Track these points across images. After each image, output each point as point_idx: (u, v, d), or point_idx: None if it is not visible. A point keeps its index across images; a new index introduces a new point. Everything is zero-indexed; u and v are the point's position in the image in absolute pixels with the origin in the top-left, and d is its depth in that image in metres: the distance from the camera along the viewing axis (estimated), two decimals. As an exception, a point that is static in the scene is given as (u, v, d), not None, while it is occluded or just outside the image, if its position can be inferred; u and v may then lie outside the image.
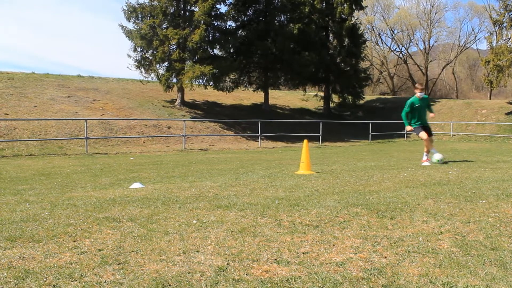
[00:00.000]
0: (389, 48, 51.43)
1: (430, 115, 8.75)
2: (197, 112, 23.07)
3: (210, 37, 22.60)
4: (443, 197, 4.08)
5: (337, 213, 3.45)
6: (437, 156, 8.21)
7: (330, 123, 23.98)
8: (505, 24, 25.87)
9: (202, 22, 20.96)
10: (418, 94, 8.49)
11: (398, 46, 50.90)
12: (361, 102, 31.28)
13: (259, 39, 24.52)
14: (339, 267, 2.25)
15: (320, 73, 28.42)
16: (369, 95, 38.99)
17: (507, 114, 25.65)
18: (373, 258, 2.37)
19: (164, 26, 21.98)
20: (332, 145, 20.34)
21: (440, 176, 5.88)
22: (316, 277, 2.11)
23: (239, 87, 27.12)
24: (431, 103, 8.67)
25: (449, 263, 2.27)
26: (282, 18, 27.04)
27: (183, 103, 23.43)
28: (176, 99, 23.47)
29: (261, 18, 25.98)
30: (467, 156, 11.53)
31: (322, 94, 30.82)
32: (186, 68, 21.52)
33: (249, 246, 2.62)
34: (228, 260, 2.36)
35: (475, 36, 55.78)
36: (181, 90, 22.93)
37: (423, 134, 8.45)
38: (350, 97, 29.98)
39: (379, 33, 50.48)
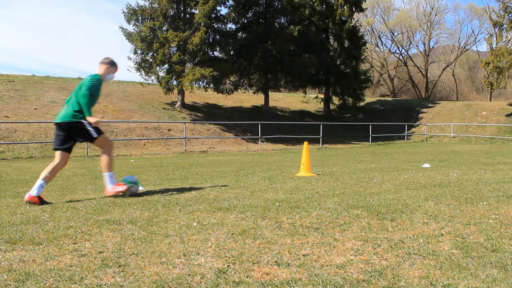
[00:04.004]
0: (389, 50, 51.50)
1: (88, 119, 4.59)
2: (197, 115, 23.08)
3: (210, 40, 22.62)
4: (443, 199, 4.08)
5: (337, 215, 3.44)
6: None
7: (331, 125, 23.99)
8: (505, 26, 25.89)
9: (202, 24, 20.99)
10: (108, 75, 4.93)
11: (398, 48, 50.98)
12: (361, 104, 31.30)
13: (259, 41, 24.55)
14: (339, 269, 2.25)
15: (320, 75, 28.45)
16: (369, 97, 39.02)
17: (507, 115, 25.64)
18: (374, 260, 2.37)
19: (164, 28, 22.02)
20: (333, 147, 20.34)
21: (441, 178, 5.87)
22: (316, 279, 2.11)
23: (239, 89, 27.13)
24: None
25: (449, 265, 2.27)
26: (282, 20, 27.09)
27: (184, 105, 23.44)
28: (176, 102, 23.49)
29: (261, 21, 26.02)
30: (467, 158, 11.52)
31: (322, 96, 30.84)
32: (186, 70, 21.55)
33: (249, 248, 2.62)
34: (229, 263, 2.36)
35: (475, 38, 56.08)
36: (181, 92, 22.94)
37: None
38: (350, 99, 30.00)
39: (379, 35, 50.57)
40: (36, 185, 4.36)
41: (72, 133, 4.59)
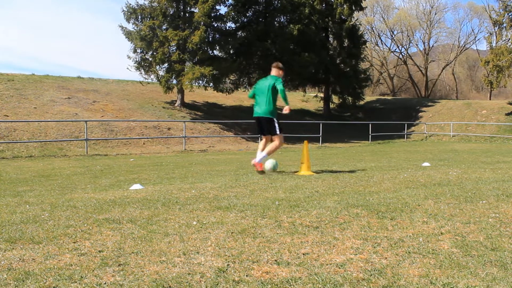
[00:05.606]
0: (389, 49, 51.50)
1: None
2: (197, 113, 23.07)
3: (210, 38, 22.62)
4: (443, 198, 4.08)
5: (337, 214, 3.44)
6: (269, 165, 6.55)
7: (330, 124, 23.98)
8: (504, 25, 25.90)
9: (202, 23, 20.98)
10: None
11: (398, 47, 51.00)
12: (361, 103, 31.29)
13: (259, 40, 24.54)
14: (339, 268, 2.25)
15: (320, 74, 28.45)
16: (369, 96, 39.01)
17: (507, 114, 25.65)
18: (374, 259, 2.37)
19: (164, 27, 22.01)
20: (332, 146, 20.34)
21: (440, 176, 5.87)
22: (316, 278, 2.11)
23: (239, 88, 27.12)
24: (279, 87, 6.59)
25: (449, 264, 2.27)
26: (282, 19, 27.08)
27: (183, 104, 23.43)
28: (176, 101, 23.48)
29: (261, 19, 26.01)
30: (467, 156, 11.53)
31: (322, 95, 30.84)
32: (186, 69, 21.54)
33: (249, 247, 2.62)
34: (228, 261, 2.36)
35: (475, 37, 56.13)
36: (181, 91, 22.93)
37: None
38: (350, 98, 30.00)
39: (378, 34, 50.58)
40: (260, 155, 6.41)
41: (265, 124, 6.59)
